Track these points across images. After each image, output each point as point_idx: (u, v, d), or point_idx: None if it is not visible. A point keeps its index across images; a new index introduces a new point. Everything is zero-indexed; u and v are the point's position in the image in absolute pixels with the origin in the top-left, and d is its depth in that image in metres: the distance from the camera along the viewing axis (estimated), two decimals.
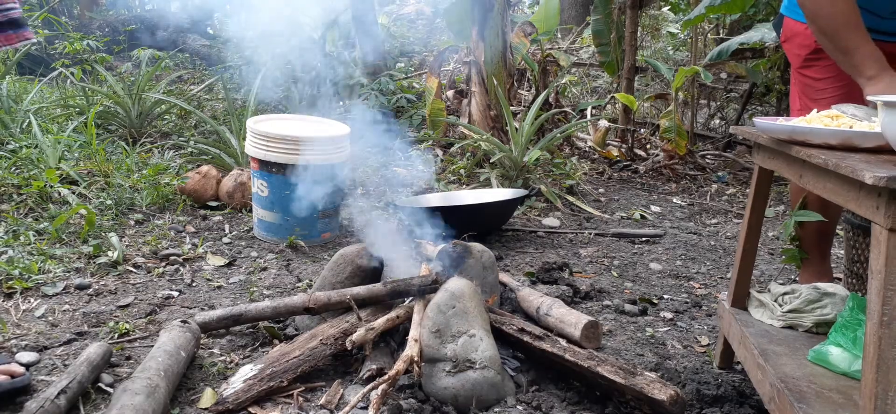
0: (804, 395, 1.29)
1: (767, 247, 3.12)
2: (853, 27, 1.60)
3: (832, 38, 1.65)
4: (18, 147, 3.29)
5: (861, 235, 1.96)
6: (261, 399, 1.56)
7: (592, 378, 1.61)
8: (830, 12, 1.63)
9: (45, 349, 1.76)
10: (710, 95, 5.84)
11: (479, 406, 1.54)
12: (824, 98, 1.84)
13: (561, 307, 1.98)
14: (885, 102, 1.10)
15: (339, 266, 1.96)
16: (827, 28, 1.65)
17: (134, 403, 1.32)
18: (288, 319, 1.96)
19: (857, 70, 1.60)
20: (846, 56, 1.62)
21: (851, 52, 1.60)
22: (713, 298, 2.41)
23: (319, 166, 2.71)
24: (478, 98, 4.43)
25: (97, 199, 2.93)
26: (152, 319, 1.99)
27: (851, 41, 1.61)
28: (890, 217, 1.00)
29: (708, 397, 1.63)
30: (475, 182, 3.83)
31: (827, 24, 1.65)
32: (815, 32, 1.70)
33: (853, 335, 1.40)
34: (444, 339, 1.60)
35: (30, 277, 2.17)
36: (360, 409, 1.48)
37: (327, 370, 1.70)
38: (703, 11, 4.32)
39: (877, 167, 1.03)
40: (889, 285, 1.01)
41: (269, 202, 2.74)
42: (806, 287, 1.69)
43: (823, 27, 1.66)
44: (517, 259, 2.74)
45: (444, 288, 1.70)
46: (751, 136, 1.61)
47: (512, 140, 3.88)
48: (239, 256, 2.59)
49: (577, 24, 7.52)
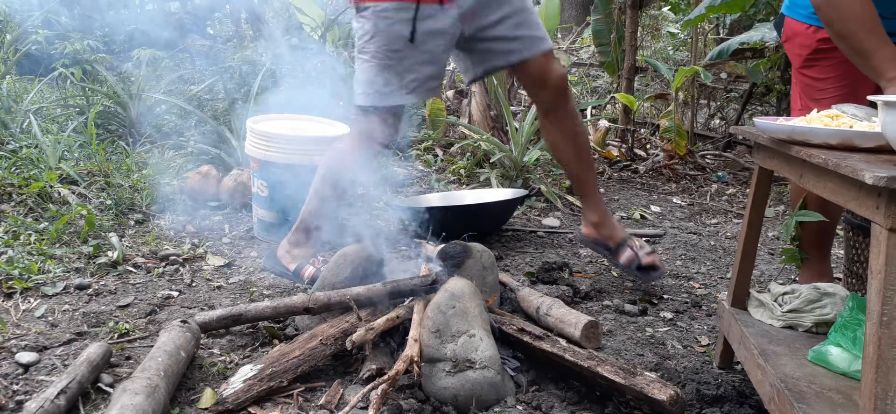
0: (804, 395, 1.30)
1: (767, 247, 3.12)
2: (870, 29, 1.57)
3: (849, 40, 1.61)
4: (18, 147, 3.29)
5: (861, 235, 1.96)
6: (261, 399, 1.56)
7: (592, 378, 1.61)
8: (846, 15, 1.60)
9: (44, 349, 1.76)
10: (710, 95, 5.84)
11: (478, 406, 1.54)
12: (825, 98, 1.84)
13: (561, 307, 1.98)
14: (885, 102, 1.10)
15: (339, 266, 1.96)
16: (843, 31, 1.62)
17: (134, 403, 1.32)
18: (288, 319, 1.96)
19: (876, 72, 1.57)
20: (865, 59, 1.59)
21: (870, 54, 1.57)
22: (713, 298, 2.41)
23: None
24: (478, 98, 4.43)
25: (97, 199, 2.93)
26: (152, 319, 1.99)
27: (869, 43, 1.57)
28: (890, 217, 1.00)
29: (708, 397, 1.63)
30: (475, 182, 3.83)
31: (843, 26, 1.61)
32: (832, 36, 1.67)
33: (853, 335, 1.40)
34: (444, 339, 1.60)
35: (30, 277, 2.17)
36: (360, 409, 1.48)
37: (327, 370, 1.70)
38: (704, 11, 4.32)
39: (877, 167, 1.03)
40: (889, 285, 1.01)
41: (269, 202, 2.74)
42: (806, 287, 1.69)
43: (840, 30, 1.63)
44: (517, 259, 2.74)
45: (444, 288, 1.70)
46: (751, 136, 1.61)
47: (512, 140, 3.87)
48: (239, 256, 2.59)
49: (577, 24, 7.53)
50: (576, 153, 2.33)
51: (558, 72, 2.23)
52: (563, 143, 2.34)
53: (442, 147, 4.54)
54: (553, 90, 2.24)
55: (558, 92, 2.24)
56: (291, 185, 2.68)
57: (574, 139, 2.32)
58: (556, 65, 2.23)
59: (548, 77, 2.22)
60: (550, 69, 2.22)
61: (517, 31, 2.17)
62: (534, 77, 2.25)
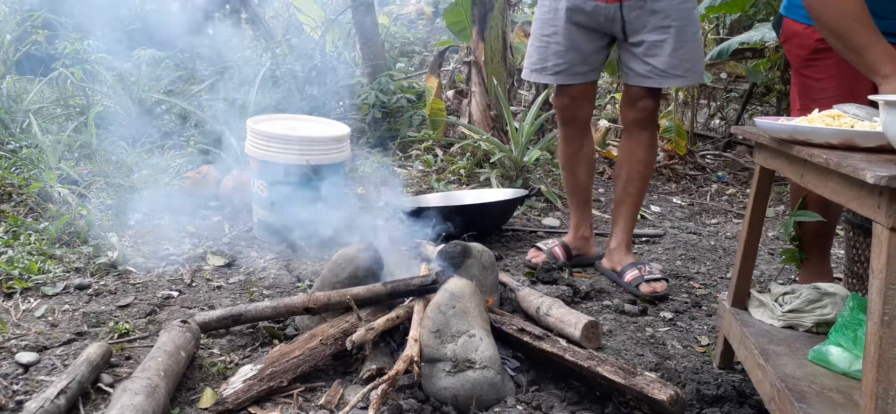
0: (804, 395, 1.29)
1: (767, 247, 3.12)
2: (862, 25, 1.57)
3: (840, 37, 1.61)
4: (18, 147, 3.29)
5: (861, 234, 1.96)
6: (261, 399, 1.56)
7: (592, 378, 1.61)
8: (836, 11, 1.60)
9: (45, 349, 1.76)
10: (710, 95, 5.84)
11: (478, 406, 1.54)
12: (824, 98, 1.84)
13: (561, 307, 1.98)
14: (886, 102, 1.10)
15: (339, 266, 1.96)
16: (834, 27, 1.62)
17: (134, 403, 1.31)
18: (288, 319, 1.96)
19: (871, 69, 1.56)
20: (858, 55, 1.58)
21: (862, 50, 1.56)
22: (713, 298, 2.41)
23: (319, 166, 2.70)
24: (478, 98, 4.43)
25: (97, 199, 2.93)
26: (152, 319, 1.99)
27: (861, 39, 1.57)
28: (891, 216, 1.00)
29: (708, 397, 1.63)
30: (475, 182, 3.83)
31: (833, 23, 1.61)
32: (825, 34, 1.68)
33: (853, 335, 1.40)
34: (444, 339, 1.60)
35: (30, 276, 2.17)
36: (360, 409, 1.48)
37: (327, 370, 1.70)
38: (703, 11, 4.32)
39: (878, 167, 1.03)
40: (890, 285, 1.01)
41: (269, 202, 2.73)
42: (806, 287, 1.69)
43: (831, 27, 1.63)
44: (517, 259, 2.73)
45: (444, 288, 1.70)
46: (751, 135, 1.61)
47: (512, 140, 3.87)
48: (239, 256, 2.59)
49: None
50: (629, 176, 2.48)
51: (645, 104, 2.39)
52: (623, 159, 2.51)
53: (442, 147, 4.54)
54: (636, 114, 2.41)
55: (639, 118, 2.42)
56: (291, 184, 2.68)
57: (631, 163, 2.47)
58: (650, 98, 2.39)
59: (636, 102, 2.40)
60: (642, 98, 2.38)
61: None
62: (630, 97, 2.44)
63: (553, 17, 2.41)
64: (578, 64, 2.43)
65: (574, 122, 2.56)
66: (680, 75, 2.32)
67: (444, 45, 5.41)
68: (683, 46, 2.28)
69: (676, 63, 2.29)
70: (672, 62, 2.28)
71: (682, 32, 2.27)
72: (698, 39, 2.35)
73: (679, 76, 2.33)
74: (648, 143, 2.44)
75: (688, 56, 2.30)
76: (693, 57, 2.32)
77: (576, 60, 2.42)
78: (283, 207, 2.71)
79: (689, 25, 2.29)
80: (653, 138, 2.45)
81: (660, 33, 2.27)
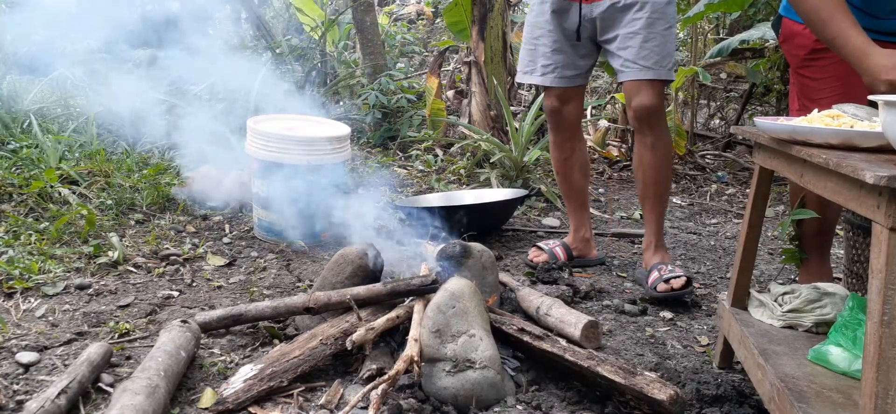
0: (804, 394, 1.30)
1: (767, 247, 3.12)
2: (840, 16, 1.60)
3: (821, 30, 1.66)
4: (19, 147, 3.29)
5: (861, 234, 1.96)
6: (261, 399, 1.56)
7: (592, 378, 1.61)
8: (813, 4, 1.64)
9: (45, 349, 1.76)
10: (709, 95, 5.84)
11: (478, 406, 1.54)
12: (823, 98, 1.84)
13: (561, 307, 1.98)
14: (886, 102, 1.10)
15: (339, 266, 1.96)
16: (812, 20, 1.67)
17: (134, 403, 1.32)
18: (288, 319, 1.96)
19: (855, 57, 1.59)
20: (839, 48, 1.62)
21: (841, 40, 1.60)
22: (713, 298, 2.41)
23: (319, 166, 2.71)
24: (478, 98, 4.43)
25: (97, 199, 2.93)
26: (152, 319, 1.99)
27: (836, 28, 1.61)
28: (891, 216, 1.00)
29: (708, 397, 1.63)
30: (475, 182, 3.83)
31: (812, 15, 1.66)
32: (811, 28, 1.72)
33: (853, 335, 1.40)
34: (444, 339, 1.60)
35: (30, 277, 2.17)
36: (360, 409, 1.48)
37: (327, 370, 1.70)
38: (702, 9, 4.32)
39: (878, 166, 1.03)
40: (890, 285, 1.01)
41: (268, 202, 2.74)
42: (806, 287, 1.69)
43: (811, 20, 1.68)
44: (517, 259, 2.74)
45: (444, 288, 1.70)
46: (751, 135, 1.61)
47: (512, 140, 3.88)
48: (239, 256, 2.59)
49: None
50: (642, 179, 2.46)
51: (639, 102, 2.34)
52: (635, 163, 2.50)
53: (442, 147, 4.54)
54: (633, 114, 2.37)
55: (636, 118, 2.37)
56: (290, 184, 2.68)
57: (640, 166, 2.45)
58: (644, 95, 2.33)
59: (631, 101, 2.37)
60: (635, 96, 2.34)
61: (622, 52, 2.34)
62: (626, 97, 2.42)
63: (540, 19, 2.47)
64: (565, 67, 2.46)
65: (563, 125, 2.58)
66: (649, 67, 2.30)
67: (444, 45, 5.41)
68: (653, 39, 2.29)
69: (646, 54, 2.30)
70: (642, 53, 2.29)
71: (653, 25, 2.29)
72: (670, 37, 2.35)
73: (647, 68, 2.30)
74: (653, 145, 2.41)
75: (657, 49, 2.30)
76: (662, 51, 2.31)
77: (562, 62, 2.46)
78: (283, 207, 2.71)
79: (660, 20, 2.30)
80: (658, 140, 2.41)
81: (630, 26, 2.31)
